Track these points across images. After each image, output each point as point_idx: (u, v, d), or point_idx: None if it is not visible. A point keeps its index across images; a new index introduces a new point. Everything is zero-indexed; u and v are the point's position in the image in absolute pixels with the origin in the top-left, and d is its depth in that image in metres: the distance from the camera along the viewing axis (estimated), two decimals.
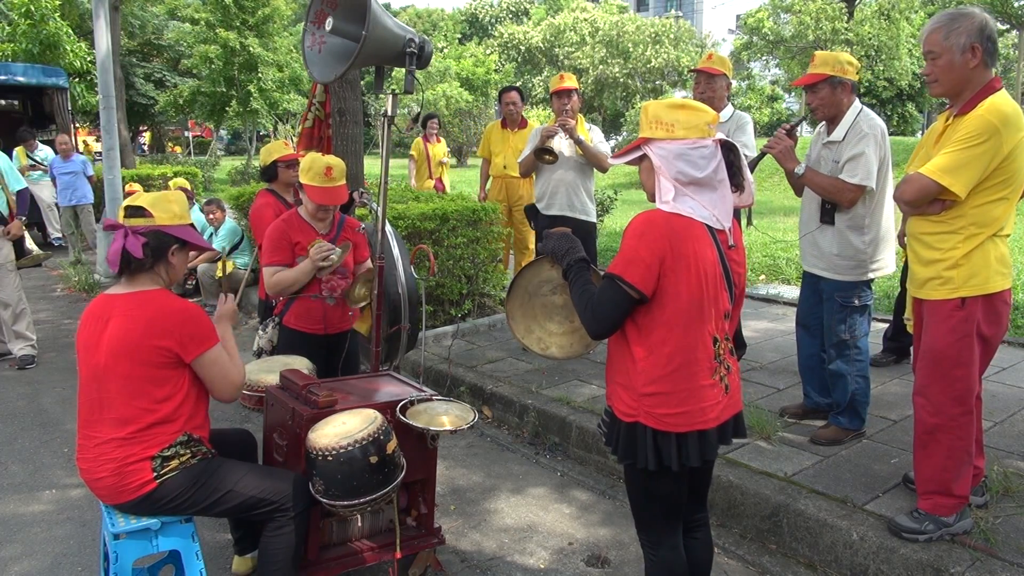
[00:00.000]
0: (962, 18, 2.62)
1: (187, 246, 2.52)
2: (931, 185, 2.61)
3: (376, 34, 3.12)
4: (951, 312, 2.69)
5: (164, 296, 2.44)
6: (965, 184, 2.57)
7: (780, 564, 3.07)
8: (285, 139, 5.28)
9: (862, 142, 3.37)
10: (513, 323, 2.56)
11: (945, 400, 2.73)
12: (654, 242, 2.02)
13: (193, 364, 2.43)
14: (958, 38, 2.60)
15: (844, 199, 3.42)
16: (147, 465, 2.36)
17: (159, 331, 2.35)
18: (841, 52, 3.58)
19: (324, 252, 3.40)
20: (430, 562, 2.97)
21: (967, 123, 2.60)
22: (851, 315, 3.56)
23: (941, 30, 2.64)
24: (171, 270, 2.50)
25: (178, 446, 2.41)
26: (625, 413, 2.14)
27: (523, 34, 35.43)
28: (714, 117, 2.11)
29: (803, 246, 3.78)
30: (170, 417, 2.40)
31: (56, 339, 6.41)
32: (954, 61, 2.62)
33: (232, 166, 22.77)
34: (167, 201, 2.49)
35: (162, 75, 27.87)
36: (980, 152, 2.55)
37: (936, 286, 2.73)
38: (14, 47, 14.30)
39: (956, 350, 2.69)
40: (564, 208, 5.16)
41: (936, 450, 2.77)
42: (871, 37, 26.57)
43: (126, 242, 2.36)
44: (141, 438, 2.36)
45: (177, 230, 2.48)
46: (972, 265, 2.65)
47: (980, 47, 2.60)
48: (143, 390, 2.36)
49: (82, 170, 10.20)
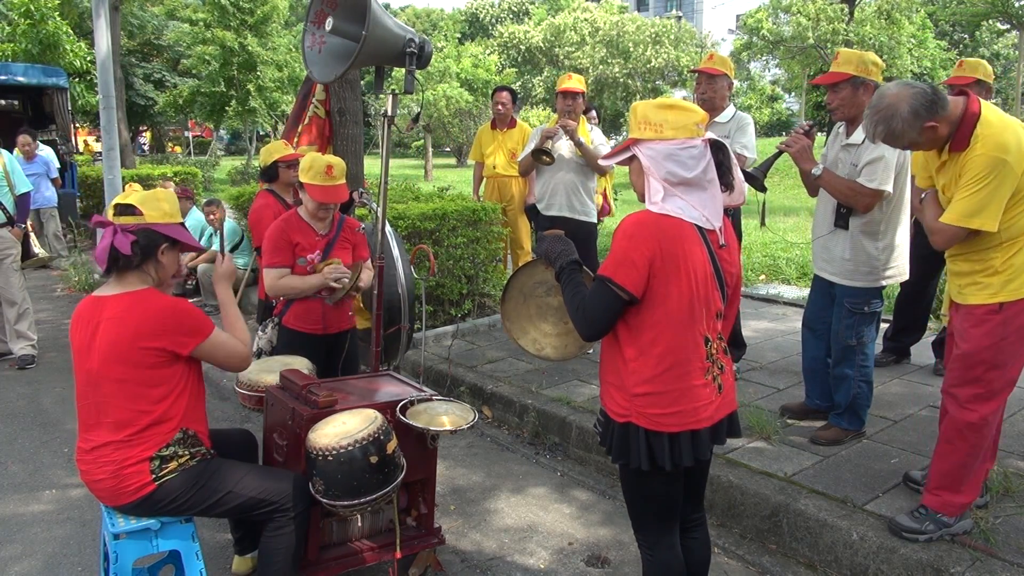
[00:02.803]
0: (893, 120, 2.56)
1: (178, 245, 2.49)
2: (960, 232, 2.63)
3: (376, 34, 3.12)
4: (987, 315, 2.69)
5: (151, 296, 2.40)
6: (995, 218, 2.57)
7: (780, 564, 3.07)
8: (284, 139, 5.26)
9: (881, 146, 3.27)
10: (508, 324, 2.56)
11: (977, 400, 2.73)
12: (644, 243, 2.02)
13: (193, 355, 2.42)
14: (910, 134, 2.58)
15: (861, 203, 3.38)
16: (145, 467, 2.35)
17: (149, 332, 2.33)
18: (867, 52, 3.52)
19: (338, 274, 3.42)
20: (430, 562, 2.97)
21: (971, 165, 2.57)
22: (860, 322, 3.52)
23: (889, 137, 2.63)
24: (160, 269, 2.47)
25: (176, 445, 2.40)
26: (618, 413, 2.14)
27: (523, 34, 35.43)
28: (703, 117, 2.10)
29: (815, 250, 3.74)
30: (166, 415, 2.38)
31: (56, 339, 6.41)
32: (921, 140, 2.62)
33: (232, 166, 22.79)
34: (157, 199, 2.46)
35: (161, 75, 27.89)
36: (996, 186, 2.54)
37: (974, 291, 2.72)
38: (14, 47, 14.31)
39: (991, 354, 2.69)
40: (564, 209, 5.15)
41: (961, 446, 2.77)
42: (871, 38, 26.56)
43: (114, 239, 2.34)
44: (139, 440, 2.35)
45: (167, 228, 2.45)
46: (1012, 270, 2.64)
47: (931, 120, 2.54)
48: (139, 392, 2.34)
49: (44, 171, 9.61)
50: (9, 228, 5.63)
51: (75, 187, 12.04)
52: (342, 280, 3.43)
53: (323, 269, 3.43)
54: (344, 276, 3.43)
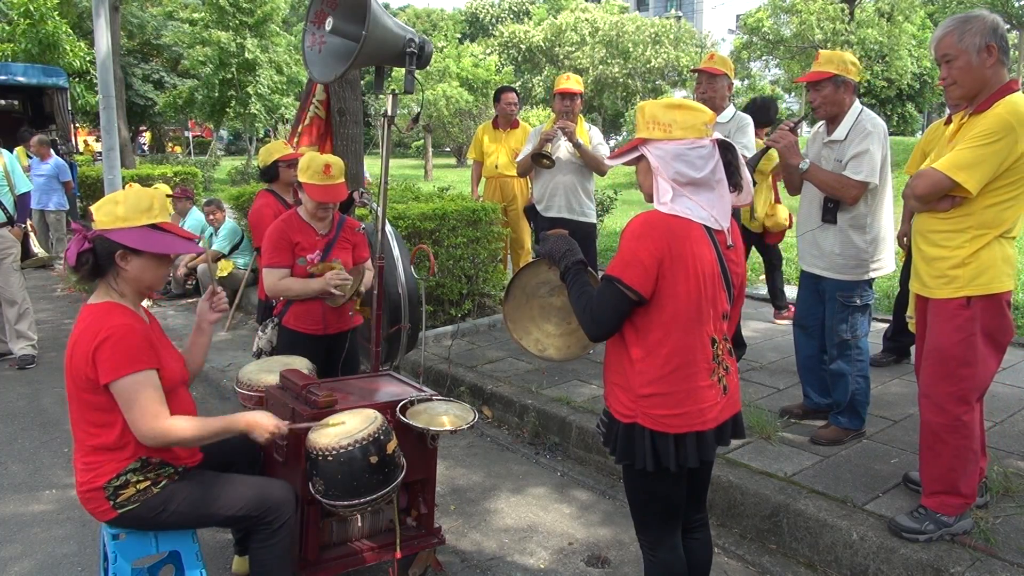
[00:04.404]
0: (974, 20, 2.60)
1: (141, 253, 2.25)
2: (944, 180, 2.60)
3: (376, 34, 3.12)
4: (957, 311, 2.69)
5: (102, 314, 2.22)
6: (979, 181, 2.56)
7: (780, 564, 3.07)
8: (285, 139, 5.27)
9: (866, 140, 3.38)
10: (510, 324, 2.55)
11: (951, 400, 2.72)
12: (652, 244, 2.01)
13: (109, 388, 2.18)
14: (973, 39, 2.58)
15: (848, 195, 3.42)
16: (100, 495, 2.25)
17: (81, 354, 2.18)
18: (845, 52, 3.58)
19: (339, 280, 3.40)
20: (430, 562, 2.97)
21: (983, 121, 2.58)
22: (852, 315, 3.56)
23: (954, 33, 2.62)
24: (121, 279, 2.27)
25: (129, 473, 2.26)
26: (623, 414, 2.13)
27: (524, 33, 35.42)
28: (711, 117, 2.11)
29: (802, 245, 3.77)
30: (120, 442, 2.24)
31: (56, 339, 6.41)
32: (971, 62, 2.60)
33: (232, 166, 22.76)
34: (113, 202, 2.26)
35: (160, 75, 27.87)
36: (995, 150, 2.53)
37: (941, 284, 2.72)
38: (13, 47, 14.31)
39: (961, 349, 2.69)
40: (563, 210, 5.15)
41: (943, 451, 2.76)
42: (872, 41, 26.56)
43: (71, 248, 2.22)
44: (90, 465, 2.26)
45: (119, 234, 2.22)
46: (978, 264, 2.65)
47: (996, 46, 2.58)
48: (83, 414, 2.25)
49: (55, 174, 9.64)
50: (9, 228, 5.64)
51: (75, 187, 12.04)
52: (343, 287, 3.42)
53: (326, 274, 3.41)
54: (346, 282, 3.42)
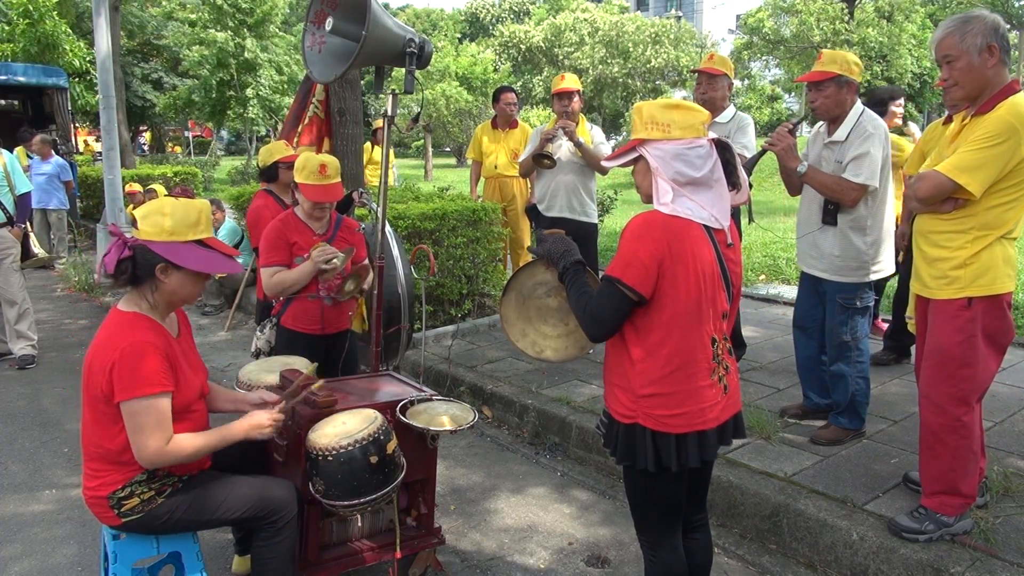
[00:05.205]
0: (974, 20, 2.59)
1: (182, 269, 2.23)
2: (947, 183, 2.60)
3: (376, 34, 3.12)
4: (958, 312, 2.69)
5: (125, 327, 2.20)
6: (982, 183, 2.56)
7: (780, 564, 3.07)
8: (284, 139, 5.27)
9: (867, 142, 3.36)
10: (507, 326, 2.54)
11: (951, 401, 2.72)
12: (652, 244, 2.01)
13: (120, 406, 2.16)
14: (974, 39, 2.57)
15: (847, 198, 3.41)
16: (105, 503, 2.25)
17: (100, 367, 2.16)
18: (847, 52, 3.56)
19: (327, 255, 3.37)
20: (430, 562, 2.97)
21: (986, 123, 2.57)
22: (853, 316, 3.55)
23: (955, 33, 2.61)
24: (159, 291, 2.25)
25: (134, 485, 2.25)
26: (623, 415, 2.13)
27: (524, 33, 35.43)
28: (707, 116, 2.12)
29: (801, 247, 3.76)
30: (122, 455, 2.22)
31: (56, 339, 6.41)
32: (973, 63, 2.59)
33: (232, 166, 22.77)
34: (161, 213, 2.23)
35: (159, 75, 27.85)
36: (999, 152, 2.53)
37: (943, 285, 2.72)
38: (13, 47, 14.33)
39: (962, 350, 2.68)
40: (564, 210, 5.15)
41: (943, 451, 2.76)
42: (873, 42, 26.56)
43: (111, 253, 2.21)
44: (96, 472, 2.25)
45: (164, 248, 2.20)
46: (980, 265, 2.64)
47: (997, 46, 2.57)
48: (96, 420, 2.23)
49: (56, 173, 9.65)
50: (9, 228, 5.64)
51: (75, 187, 12.05)
52: (332, 261, 3.36)
53: (310, 252, 3.36)
54: (334, 256, 3.36)
